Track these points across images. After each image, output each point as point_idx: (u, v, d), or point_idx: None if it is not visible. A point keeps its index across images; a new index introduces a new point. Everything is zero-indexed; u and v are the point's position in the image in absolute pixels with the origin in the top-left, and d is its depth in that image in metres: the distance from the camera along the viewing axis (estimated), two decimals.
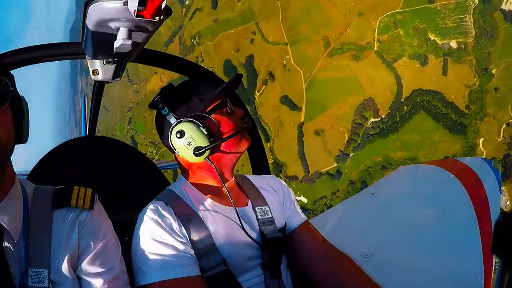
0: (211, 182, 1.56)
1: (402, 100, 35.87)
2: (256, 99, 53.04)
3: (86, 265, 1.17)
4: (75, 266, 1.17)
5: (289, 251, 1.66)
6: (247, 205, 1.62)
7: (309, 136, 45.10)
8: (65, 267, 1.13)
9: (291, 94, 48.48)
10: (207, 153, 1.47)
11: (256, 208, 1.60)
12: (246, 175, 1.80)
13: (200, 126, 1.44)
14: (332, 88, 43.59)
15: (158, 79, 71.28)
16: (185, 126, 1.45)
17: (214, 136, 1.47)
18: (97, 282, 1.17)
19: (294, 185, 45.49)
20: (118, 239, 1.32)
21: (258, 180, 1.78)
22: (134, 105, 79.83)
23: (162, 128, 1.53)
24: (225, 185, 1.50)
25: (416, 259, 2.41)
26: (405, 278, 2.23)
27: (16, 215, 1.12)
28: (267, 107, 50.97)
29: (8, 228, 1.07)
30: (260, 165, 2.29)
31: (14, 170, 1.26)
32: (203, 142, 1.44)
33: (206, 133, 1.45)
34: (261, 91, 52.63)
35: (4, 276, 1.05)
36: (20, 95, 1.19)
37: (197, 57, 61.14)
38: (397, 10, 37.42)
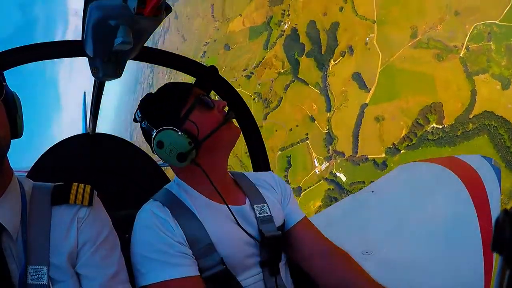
0: (206, 181, 1.50)
1: (470, 116, 34.47)
2: (330, 67, 52.71)
3: (85, 262, 1.17)
4: (74, 262, 1.16)
5: (287, 248, 1.65)
6: (245, 203, 1.59)
7: (368, 120, 44.91)
8: (64, 264, 1.13)
9: (364, 73, 47.75)
10: (192, 155, 1.45)
11: (254, 206, 1.58)
12: (243, 172, 1.78)
13: (177, 131, 1.42)
14: (406, 80, 42.45)
15: (241, 22, 71.71)
16: (163, 136, 1.43)
17: (194, 138, 1.44)
18: (96, 279, 1.17)
19: (339, 161, 46.39)
20: (117, 236, 1.32)
21: (255, 177, 1.76)
22: (212, 41, 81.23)
23: (149, 141, 1.50)
24: (214, 184, 1.47)
25: (416, 257, 2.42)
26: (405, 275, 2.25)
27: (14, 212, 1.12)
28: (338, 78, 50.63)
29: (6, 226, 1.07)
30: (260, 162, 2.26)
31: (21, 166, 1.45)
32: (183, 147, 1.42)
33: (185, 137, 1.42)
34: (336, 61, 52.08)
35: (3, 274, 1.04)
36: (12, 90, 1.18)
37: (284, 11, 60.52)
38: (496, 22, 34.85)
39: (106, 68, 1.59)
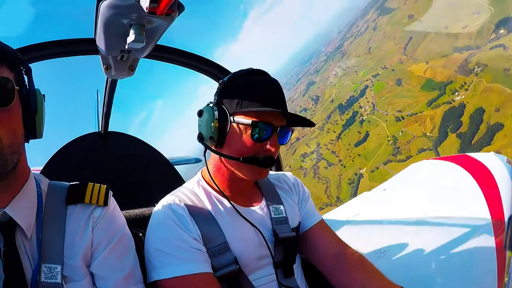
0: (225, 180, 1.52)
1: None
2: None
3: (99, 262, 1.17)
4: (88, 262, 1.17)
5: (303, 249, 1.67)
6: (261, 203, 1.59)
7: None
8: (78, 263, 1.13)
9: None
10: (209, 145, 1.45)
11: (270, 207, 1.59)
12: None
13: (214, 121, 1.40)
14: None
15: (423, 69, 69.29)
16: (206, 110, 1.44)
17: (216, 139, 1.42)
18: (110, 279, 1.17)
19: None
20: (132, 236, 1.31)
21: (275, 177, 1.77)
22: (390, 69, 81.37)
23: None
24: (233, 183, 1.50)
25: (428, 255, 2.41)
26: (418, 272, 2.26)
27: (29, 211, 1.12)
28: None
29: (20, 224, 1.08)
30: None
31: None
32: (206, 133, 1.43)
33: (212, 131, 1.41)
34: None
35: (17, 271, 1.04)
36: (36, 88, 1.14)
37: (464, 83, 57.96)
38: None
39: (118, 66, 1.62)
